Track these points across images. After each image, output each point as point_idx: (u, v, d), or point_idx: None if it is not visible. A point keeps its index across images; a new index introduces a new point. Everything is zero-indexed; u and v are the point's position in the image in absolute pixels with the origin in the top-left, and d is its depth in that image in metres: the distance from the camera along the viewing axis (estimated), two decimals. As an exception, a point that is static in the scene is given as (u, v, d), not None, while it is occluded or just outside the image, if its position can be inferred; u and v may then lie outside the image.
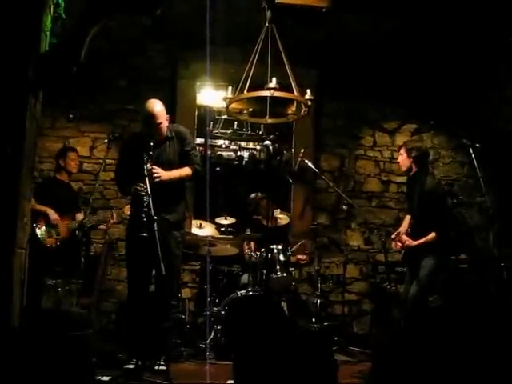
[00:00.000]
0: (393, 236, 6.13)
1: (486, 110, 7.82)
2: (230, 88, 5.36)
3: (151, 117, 5.28)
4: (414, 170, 5.91)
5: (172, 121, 5.63)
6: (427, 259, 5.65)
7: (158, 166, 5.17)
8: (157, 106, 5.33)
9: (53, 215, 6.20)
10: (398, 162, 6.14)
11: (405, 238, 5.90)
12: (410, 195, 6.13)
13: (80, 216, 6.41)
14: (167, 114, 5.45)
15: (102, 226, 6.76)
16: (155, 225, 4.70)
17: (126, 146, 5.67)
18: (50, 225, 6.17)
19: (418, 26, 6.80)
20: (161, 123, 5.30)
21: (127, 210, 6.20)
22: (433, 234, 5.66)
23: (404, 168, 6.00)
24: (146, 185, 4.88)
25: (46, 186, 6.47)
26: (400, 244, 5.94)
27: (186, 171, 5.38)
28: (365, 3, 6.26)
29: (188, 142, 5.50)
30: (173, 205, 5.39)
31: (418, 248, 5.74)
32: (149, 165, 5.03)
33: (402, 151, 5.99)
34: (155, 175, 5.08)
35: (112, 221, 6.50)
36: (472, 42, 6.90)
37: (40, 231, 6.11)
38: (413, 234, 5.85)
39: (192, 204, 7.27)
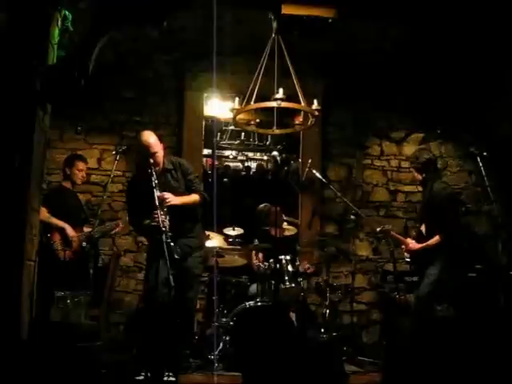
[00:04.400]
0: (378, 229, 6.23)
1: (494, 118, 7.80)
2: (237, 99, 5.37)
3: (147, 147, 5.39)
4: (420, 178, 6.00)
5: (180, 132, 5.67)
6: (432, 267, 5.67)
7: None
8: (151, 137, 5.47)
9: (70, 232, 6.15)
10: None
11: (409, 240, 5.97)
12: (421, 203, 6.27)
13: (88, 228, 6.39)
14: (175, 127, 5.52)
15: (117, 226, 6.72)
16: (163, 236, 4.72)
17: (130, 189, 5.78)
18: (65, 239, 6.15)
19: (424, 35, 6.80)
20: (156, 152, 5.42)
21: None
22: (436, 238, 5.70)
23: (416, 179, 6.13)
24: (158, 213, 4.93)
25: (54, 195, 6.34)
26: (405, 251, 6.03)
27: (194, 197, 5.50)
28: (371, 12, 6.27)
29: (190, 172, 5.69)
30: (190, 230, 5.51)
31: (424, 253, 5.78)
32: (158, 193, 5.06)
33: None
34: (166, 200, 5.14)
35: (118, 229, 6.49)
36: (478, 49, 6.89)
37: (56, 244, 6.09)
38: (420, 239, 5.90)
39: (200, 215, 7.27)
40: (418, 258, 5.97)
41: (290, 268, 6.44)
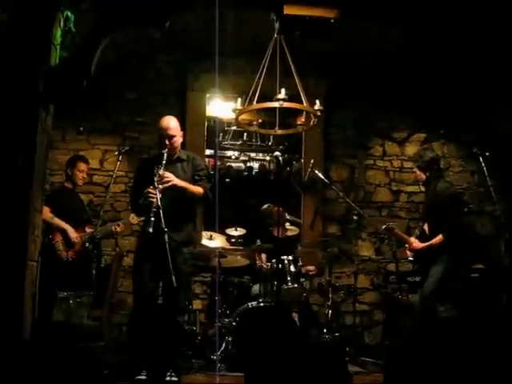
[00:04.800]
0: (383, 226, 6.25)
1: (495, 118, 7.80)
2: (239, 99, 5.37)
3: (165, 129, 5.38)
4: (423, 177, 6.00)
5: (182, 132, 5.66)
6: (435, 267, 5.68)
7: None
8: (171, 121, 5.49)
9: (72, 233, 6.18)
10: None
11: (412, 239, 5.99)
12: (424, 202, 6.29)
13: (90, 228, 6.40)
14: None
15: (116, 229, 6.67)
16: (165, 237, 4.72)
17: (139, 170, 5.75)
18: (66, 240, 6.16)
19: (426, 35, 6.79)
20: (174, 136, 5.39)
21: (132, 218, 6.23)
22: (440, 237, 5.71)
23: (418, 177, 6.12)
24: (156, 193, 4.93)
25: (55, 195, 6.38)
26: (408, 250, 6.06)
27: (197, 188, 5.42)
28: (373, 13, 6.26)
29: (201, 168, 5.61)
30: (180, 224, 5.40)
31: (427, 253, 5.79)
32: (160, 171, 5.07)
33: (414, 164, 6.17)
34: (166, 179, 5.11)
35: (119, 228, 6.48)
36: (480, 49, 6.89)
37: (57, 245, 6.10)
38: (423, 238, 5.92)
39: (202, 216, 7.26)
40: (422, 257, 5.98)
41: (292, 268, 6.44)
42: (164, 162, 5.16)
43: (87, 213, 6.71)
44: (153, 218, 4.81)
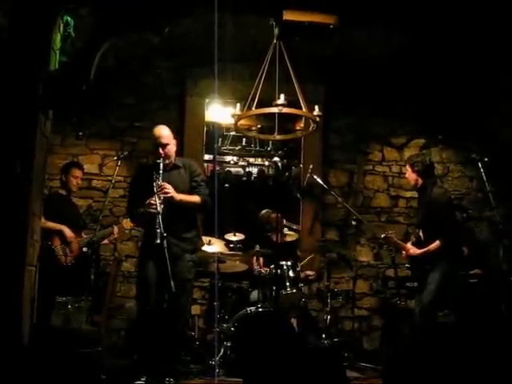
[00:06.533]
0: (382, 235, 6.25)
1: (495, 124, 7.80)
2: (238, 105, 5.37)
3: (158, 138, 5.43)
4: (420, 182, 6.00)
5: (181, 137, 5.69)
6: (433, 274, 5.67)
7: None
8: (164, 130, 5.54)
9: (68, 233, 6.16)
10: (407, 177, 6.25)
11: (409, 246, 5.98)
12: (419, 208, 6.25)
13: (86, 234, 6.39)
14: (176, 133, 5.54)
15: (105, 241, 6.67)
16: (165, 242, 4.72)
17: (135, 179, 5.80)
18: (65, 242, 6.15)
19: (425, 40, 6.80)
20: (168, 144, 5.43)
21: (126, 223, 6.23)
22: (437, 243, 5.71)
23: (412, 182, 6.14)
24: (156, 201, 4.94)
25: (50, 202, 6.31)
26: (405, 253, 6.07)
27: (195, 198, 5.46)
28: (372, 19, 6.27)
29: (198, 174, 5.67)
30: (185, 233, 5.45)
31: (424, 259, 5.79)
32: (159, 181, 5.10)
33: (407, 166, 6.12)
34: (165, 190, 5.13)
35: (114, 234, 6.47)
36: (479, 54, 6.89)
37: (56, 249, 6.09)
38: (419, 244, 5.91)
39: (201, 221, 7.24)
40: (418, 263, 5.98)
41: (291, 274, 6.44)
42: (161, 171, 5.18)
43: (83, 219, 6.70)
44: (158, 230, 4.80)
